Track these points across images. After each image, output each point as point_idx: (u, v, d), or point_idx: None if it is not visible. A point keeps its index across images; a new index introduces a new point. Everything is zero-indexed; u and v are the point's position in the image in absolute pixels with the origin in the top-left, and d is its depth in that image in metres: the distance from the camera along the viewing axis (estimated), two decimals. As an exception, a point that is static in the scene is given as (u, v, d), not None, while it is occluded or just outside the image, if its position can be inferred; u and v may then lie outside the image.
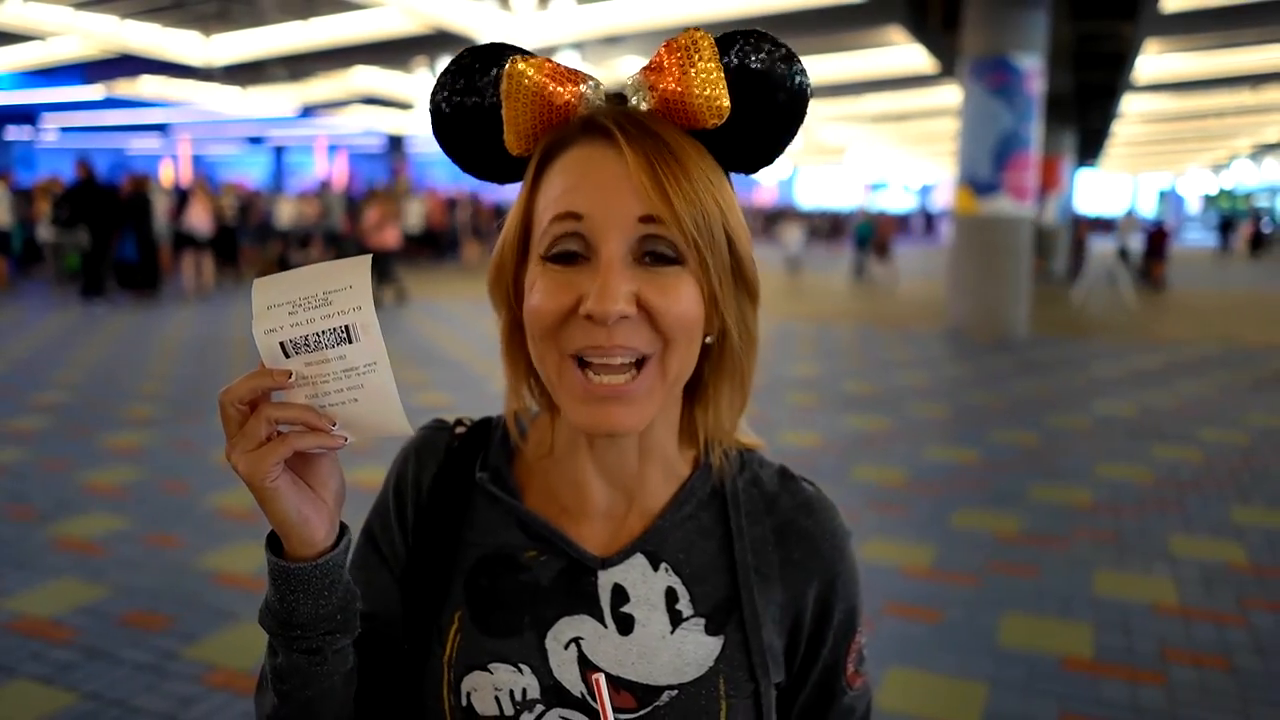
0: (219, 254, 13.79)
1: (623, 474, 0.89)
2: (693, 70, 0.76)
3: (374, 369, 0.72)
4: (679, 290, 0.77)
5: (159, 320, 12.11)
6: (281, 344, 0.72)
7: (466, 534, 0.91)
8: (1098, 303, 15.59)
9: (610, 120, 0.78)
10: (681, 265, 0.77)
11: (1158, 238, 18.27)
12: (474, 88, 0.82)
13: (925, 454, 6.24)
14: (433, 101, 0.84)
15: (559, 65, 0.80)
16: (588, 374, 0.78)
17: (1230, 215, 13.70)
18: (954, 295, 12.07)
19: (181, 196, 16.50)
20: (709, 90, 0.77)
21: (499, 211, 25.85)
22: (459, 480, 0.93)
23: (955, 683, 3.34)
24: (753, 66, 0.79)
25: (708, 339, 0.83)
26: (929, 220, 43.42)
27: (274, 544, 0.77)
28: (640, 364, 0.78)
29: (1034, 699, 3.24)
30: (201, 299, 13.61)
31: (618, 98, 0.81)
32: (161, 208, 15.28)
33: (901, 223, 35.09)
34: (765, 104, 0.80)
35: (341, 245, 18.17)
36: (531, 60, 0.79)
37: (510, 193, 0.91)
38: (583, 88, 0.80)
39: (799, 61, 0.81)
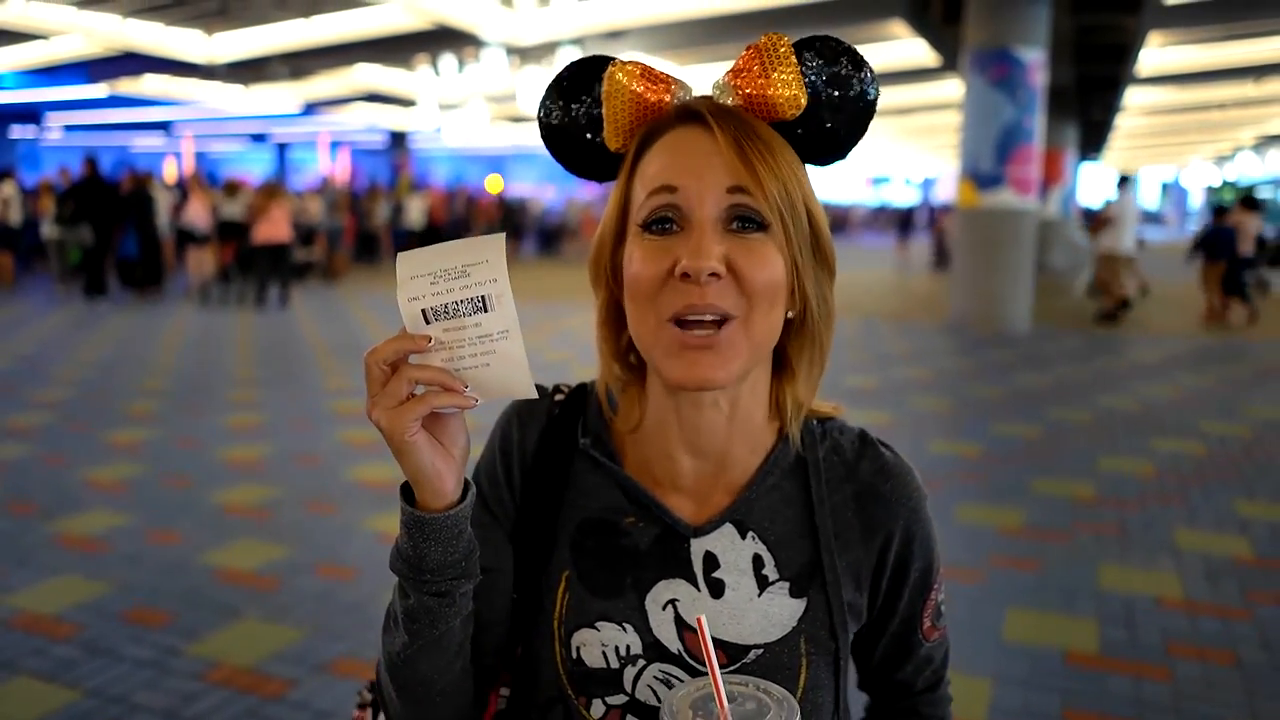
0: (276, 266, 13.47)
1: (711, 444, 0.95)
2: (772, 69, 0.86)
3: (506, 336, 0.78)
4: (764, 254, 0.84)
5: (161, 316, 12.11)
6: (423, 311, 0.79)
7: (570, 496, 0.99)
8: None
9: (702, 107, 0.87)
10: (766, 232, 0.85)
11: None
12: (576, 97, 0.91)
13: (928, 448, 6.23)
14: (541, 111, 0.93)
15: (653, 69, 0.89)
16: (682, 330, 0.84)
17: (1223, 206, 13.56)
18: (956, 288, 12.05)
19: (184, 193, 16.51)
20: (787, 88, 0.86)
21: (503, 205, 25.89)
22: (561, 445, 1.01)
23: (959, 678, 3.31)
24: (826, 70, 0.88)
25: (789, 314, 0.90)
26: (931, 214, 43.34)
27: (407, 495, 0.84)
28: (725, 322, 0.84)
29: (1038, 694, 3.23)
30: (204, 295, 13.60)
31: (705, 99, 0.90)
32: (164, 205, 15.28)
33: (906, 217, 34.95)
34: (837, 103, 0.89)
35: (336, 242, 18.20)
36: (628, 66, 0.88)
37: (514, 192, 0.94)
38: (674, 88, 0.89)
39: (867, 65, 0.90)
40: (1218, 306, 12.56)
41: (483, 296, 0.77)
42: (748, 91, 0.86)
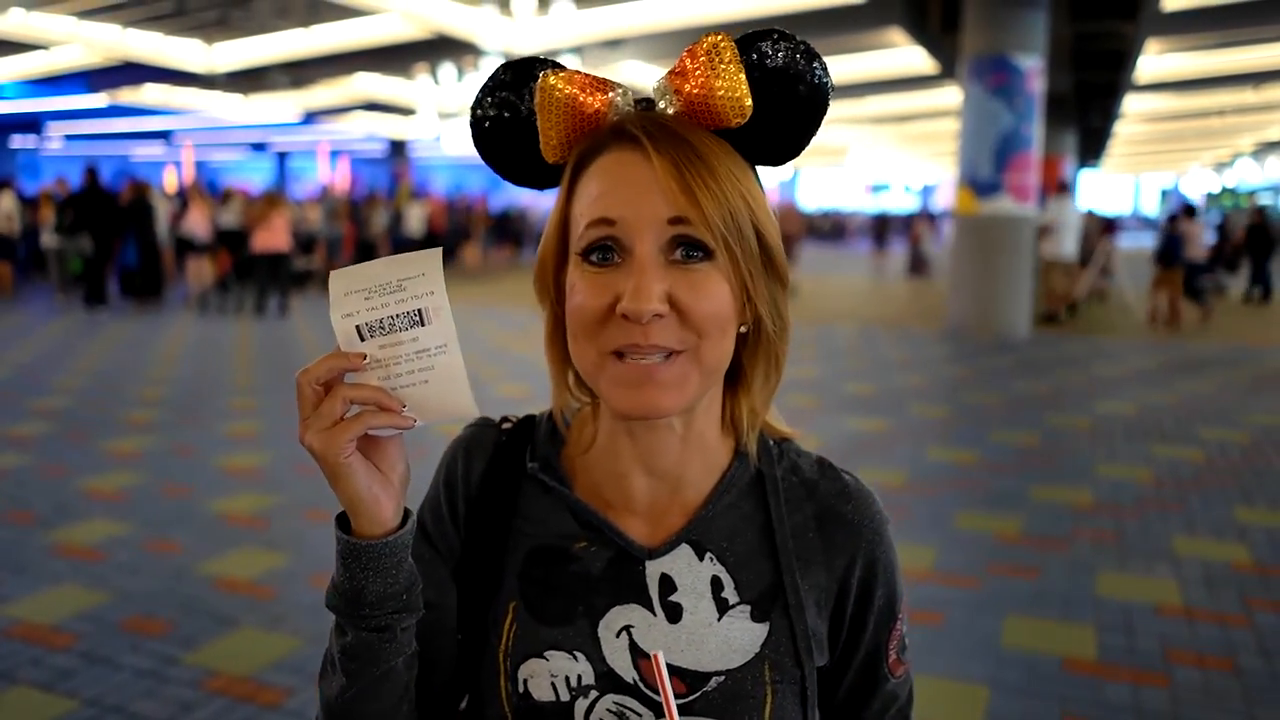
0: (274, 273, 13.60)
1: (665, 464, 0.91)
2: (714, 73, 0.80)
3: (445, 351, 0.76)
4: (709, 287, 0.80)
5: (161, 325, 12.12)
6: (357, 327, 0.76)
7: (518, 524, 0.94)
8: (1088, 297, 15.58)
9: (638, 127, 0.81)
10: (711, 261, 0.80)
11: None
12: (509, 101, 0.86)
13: (926, 455, 6.23)
14: (472, 115, 0.88)
15: (589, 75, 0.84)
16: (624, 361, 0.80)
17: (1174, 215, 14.05)
18: (954, 295, 12.06)
19: (184, 203, 16.53)
20: (731, 91, 0.80)
21: (506, 215, 25.92)
22: (509, 472, 0.96)
23: (957, 685, 3.33)
24: (773, 64, 0.83)
25: (742, 328, 0.86)
26: (930, 220, 43.39)
27: (343, 524, 0.80)
28: (673, 355, 0.81)
29: (1036, 701, 3.22)
30: (203, 304, 13.62)
31: (645, 103, 0.85)
32: (163, 214, 15.29)
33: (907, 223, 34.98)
34: (787, 99, 0.83)
35: (337, 251, 18.23)
36: (563, 73, 0.83)
37: (516, 195, 0.94)
38: (612, 95, 0.83)
39: (819, 57, 0.85)
40: (1162, 310, 13.05)
41: (419, 310, 0.75)
42: (689, 95, 0.81)
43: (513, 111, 0.86)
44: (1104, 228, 16.38)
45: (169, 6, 13.94)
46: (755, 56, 0.83)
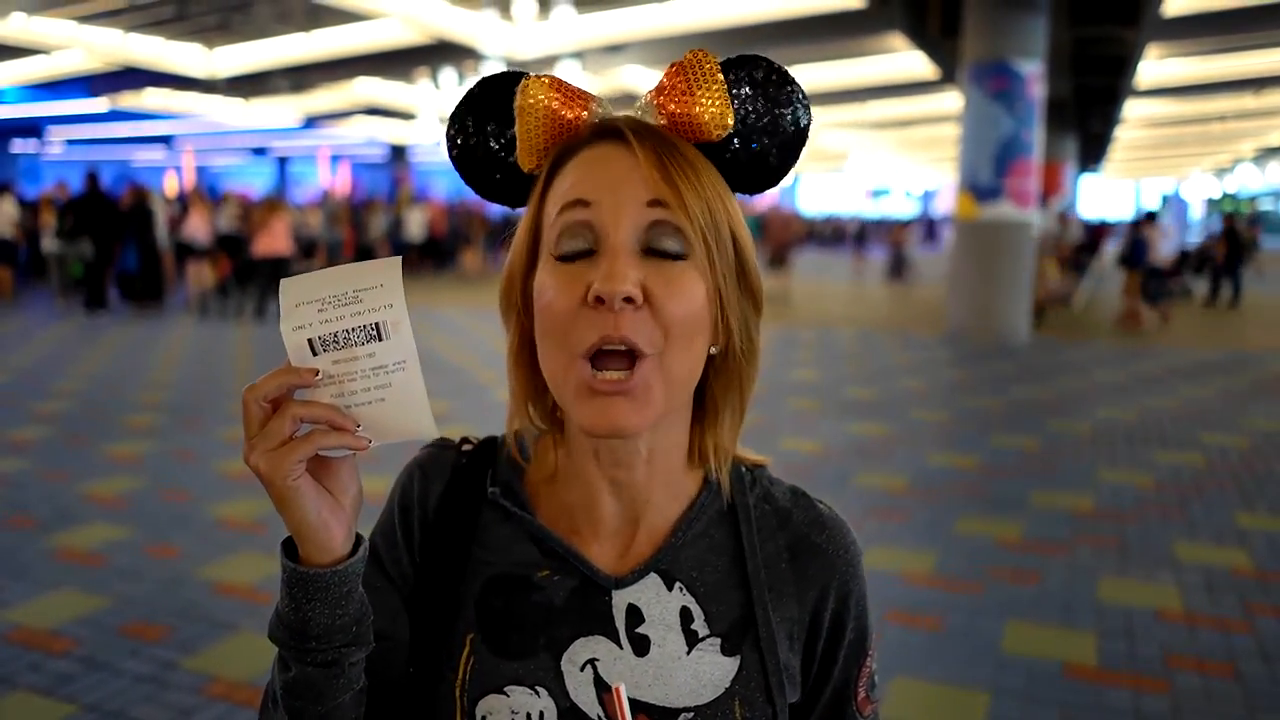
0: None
1: (631, 490, 0.87)
2: (697, 88, 0.80)
3: (403, 367, 0.71)
4: (684, 284, 0.78)
5: (161, 330, 12.12)
6: (309, 340, 0.71)
7: (476, 552, 0.89)
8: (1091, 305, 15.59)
9: (621, 122, 0.81)
10: (688, 260, 0.78)
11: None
12: (488, 115, 0.85)
13: (926, 460, 6.22)
14: (448, 132, 0.87)
15: (570, 85, 0.82)
16: (594, 372, 0.77)
17: (1138, 220, 14.78)
18: (955, 300, 12.06)
19: (184, 207, 16.56)
20: (712, 106, 0.80)
21: (508, 223, 25.87)
22: (467, 497, 0.91)
23: (957, 691, 3.32)
24: (753, 93, 0.83)
25: (712, 349, 0.83)
26: (930, 226, 43.39)
27: (289, 551, 0.75)
28: (638, 360, 0.77)
29: (1036, 707, 3.22)
30: (203, 308, 13.63)
31: (626, 117, 0.83)
32: (163, 218, 15.31)
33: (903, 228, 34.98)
34: (766, 128, 0.83)
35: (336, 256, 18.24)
36: (543, 81, 0.81)
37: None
38: (592, 105, 0.82)
39: (799, 88, 0.84)
40: (1136, 311, 13.51)
41: (377, 324, 0.70)
42: (672, 110, 0.80)
43: (492, 124, 0.85)
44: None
45: (170, 11, 13.97)
46: (736, 82, 0.83)
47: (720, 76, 0.80)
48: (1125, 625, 3.82)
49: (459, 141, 0.86)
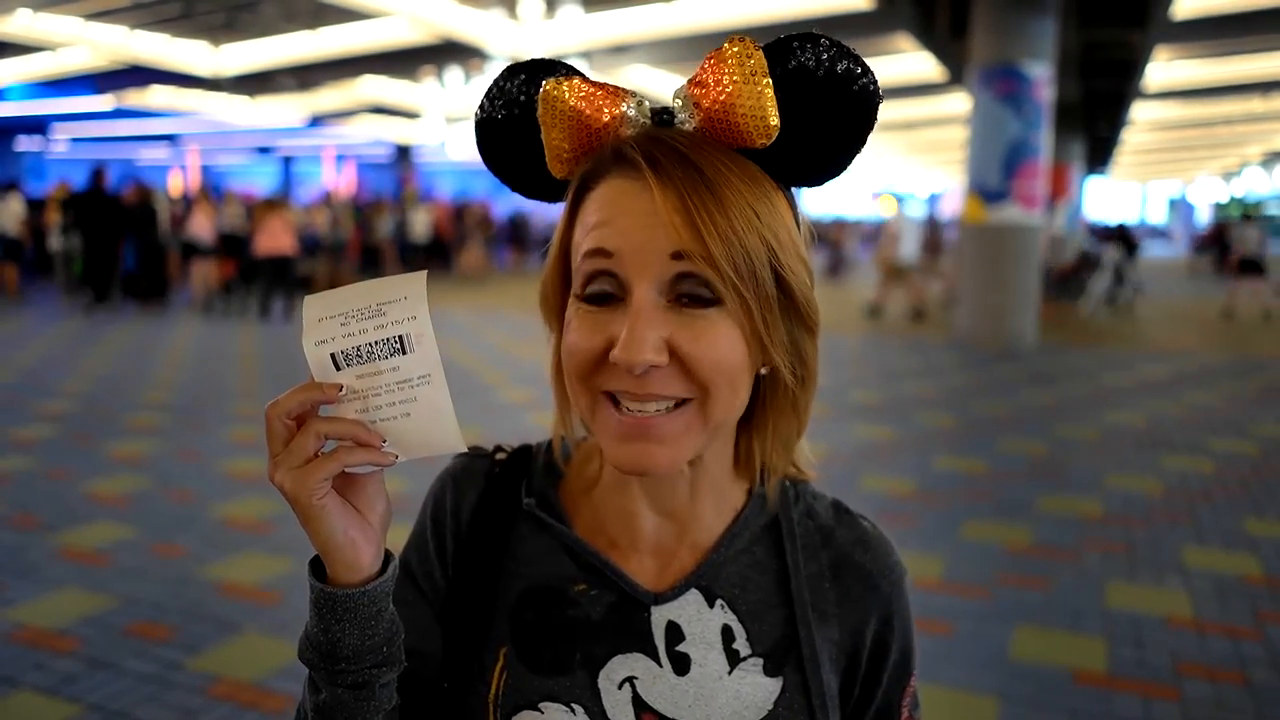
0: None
1: (674, 505, 0.85)
2: (738, 86, 0.72)
3: (428, 381, 0.70)
4: (714, 336, 0.72)
5: (165, 329, 12.13)
6: (332, 355, 0.70)
7: (510, 564, 0.87)
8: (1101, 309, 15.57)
9: (639, 151, 0.73)
10: (720, 306, 0.72)
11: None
12: (520, 104, 0.79)
13: (934, 464, 6.20)
14: (476, 116, 0.82)
15: (599, 85, 0.76)
16: (621, 409, 0.74)
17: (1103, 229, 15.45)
18: (961, 304, 12.03)
19: (189, 206, 16.59)
20: (756, 108, 0.72)
21: (512, 223, 25.87)
22: (502, 508, 0.89)
23: (965, 697, 3.30)
24: (813, 71, 0.74)
25: (763, 370, 0.79)
26: (934, 228, 43.33)
27: (317, 570, 0.73)
28: (680, 404, 0.74)
29: (1045, 713, 3.20)
30: (207, 307, 13.64)
31: (664, 113, 0.76)
32: (165, 217, 15.33)
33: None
34: (826, 112, 0.74)
35: (341, 257, 18.26)
36: (569, 81, 0.76)
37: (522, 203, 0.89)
38: (624, 107, 0.76)
39: (863, 62, 0.75)
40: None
41: (400, 337, 0.69)
42: (709, 110, 0.73)
43: (523, 114, 0.79)
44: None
45: (176, 9, 13.97)
46: (792, 64, 0.73)
47: (766, 73, 0.72)
48: (1135, 632, 3.80)
49: (489, 130, 0.81)
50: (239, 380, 8.74)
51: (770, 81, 0.72)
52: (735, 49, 0.72)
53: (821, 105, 0.74)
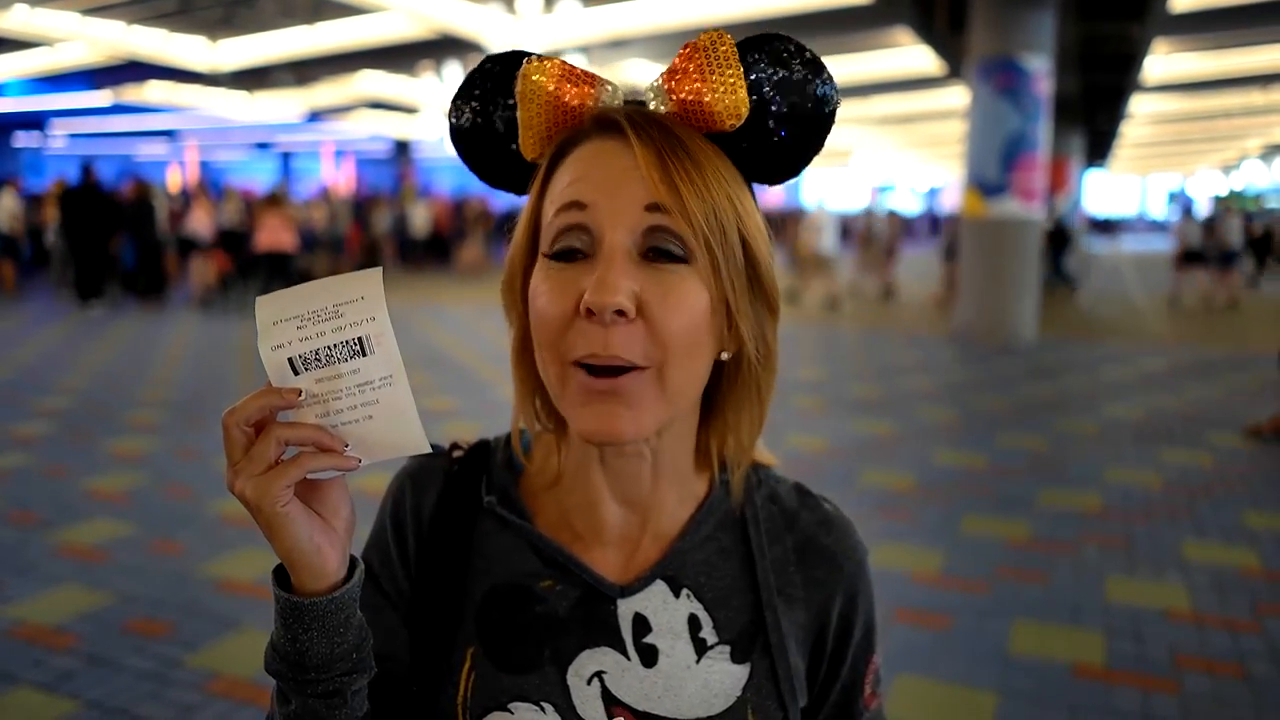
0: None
1: (637, 494, 0.85)
2: (710, 72, 0.74)
3: (389, 382, 0.68)
4: (682, 293, 0.73)
5: (164, 325, 12.12)
6: (290, 360, 0.68)
7: (475, 562, 0.86)
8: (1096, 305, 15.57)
9: (621, 115, 0.76)
10: (689, 264, 0.74)
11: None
12: (489, 98, 0.81)
13: (933, 459, 6.20)
14: (449, 114, 0.83)
15: (574, 68, 0.78)
16: (590, 375, 0.74)
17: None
18: (961, 298, 12.02)
19: (187, 202, 16.58)
20: (727, 95, 0.75)
21: (510, 217, 25.84)
22: (463, 506, 0.88)
23: (964, 690, 3.30)
24: (775, 74, 0.77)
25: (723, 355, 0.80)
26: (934, 223, 43.34)
27: (281, 580, 0.72)
28: (639, 371, 0.74)
29: (1044, 708, 3.20)
30: (206, 304, 13.64)
31: (636, 103, 0.78)
32: (162, 213, 15.31)
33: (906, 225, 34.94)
34: (787, 113, 0.77)
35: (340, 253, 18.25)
36: (545, 64, 0.77)
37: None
38: (598, 90, 0.78)
39: (825, 69, 0.78)
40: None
41: (360, 338, 0.67)
42: (682, 96, 0.75)
43: (493, 108, 0.81)
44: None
45: (173, 4, 13.94)
46: (757, 64, 0.77)
47: (737, 62, 0.75)
48: (1133, 625, 3.80)
49: (462, 125, 0.82)
50: (238, 377, 8.73)
51: (740, 68, 0.75)
52: (707, 39, 0.75)
53: (780, 106, 0.77)
